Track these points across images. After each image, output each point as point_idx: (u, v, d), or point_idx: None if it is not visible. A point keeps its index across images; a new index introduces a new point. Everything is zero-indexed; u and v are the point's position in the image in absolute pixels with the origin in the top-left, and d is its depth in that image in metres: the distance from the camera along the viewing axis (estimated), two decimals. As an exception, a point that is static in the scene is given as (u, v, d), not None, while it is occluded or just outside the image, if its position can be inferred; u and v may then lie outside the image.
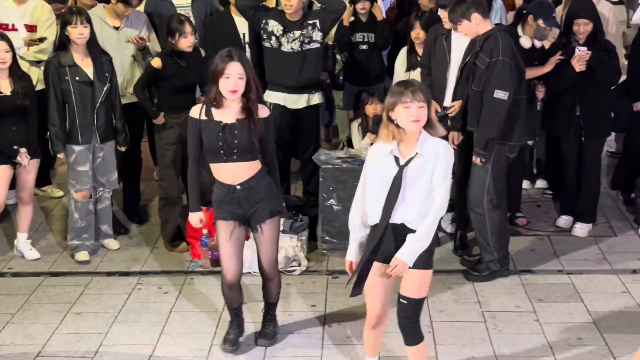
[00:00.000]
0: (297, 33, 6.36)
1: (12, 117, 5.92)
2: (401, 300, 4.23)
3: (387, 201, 4.07)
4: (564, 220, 6.70)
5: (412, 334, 4.29)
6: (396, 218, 4.09)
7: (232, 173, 4.69)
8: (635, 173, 6.99)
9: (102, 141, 6.11)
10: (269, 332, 5.05)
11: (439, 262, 6.11)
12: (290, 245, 6.05)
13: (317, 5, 6.75)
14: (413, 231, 4.09)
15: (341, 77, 7.28)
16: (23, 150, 5.97)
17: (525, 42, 6.27)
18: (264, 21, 6.38)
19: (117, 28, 6.50)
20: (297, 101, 6.48)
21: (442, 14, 5.98)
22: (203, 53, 6.33)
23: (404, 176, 4.04)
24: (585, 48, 6.11)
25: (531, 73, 6.18)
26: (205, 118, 4.67)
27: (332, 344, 5.04)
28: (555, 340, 5.02)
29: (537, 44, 6.33)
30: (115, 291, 5.80)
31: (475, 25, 5.53)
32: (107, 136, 6.15)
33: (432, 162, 4.04)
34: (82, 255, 6.23)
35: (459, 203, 6.16)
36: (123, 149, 6.28)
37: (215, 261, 5.82)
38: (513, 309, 5.43)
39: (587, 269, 6.00)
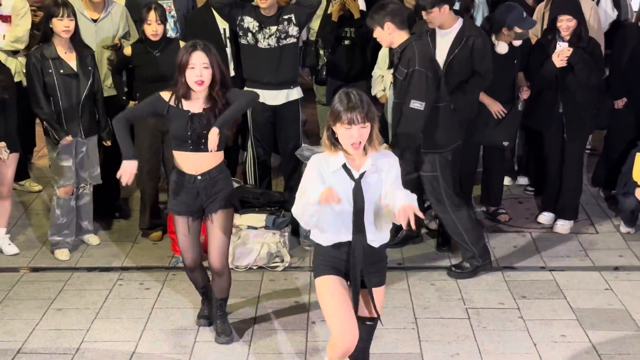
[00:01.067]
0: (273, 28, 6.33)
1: (-9, 110, 5.83)
2: (367, 322, 4.13)
3: (355, 218, 3.91)
4: (545, 217, 6.72)
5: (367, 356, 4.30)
6: (367, 233, 3.96)
7: (195, 163, 4.72)
8: (615, 170, 7.01)
9: (86, 136, 6.04)
10: (226, 329, 5.02)
11: (422, 259, 6.15)
12: (273, 242, 6.02)
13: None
14: (374, 248, 4.00)
15: (324, 73, 7.24)
16: (2, 144, 5.87)
17: (502, 48, 6.25)
18: (239, 18, 6.35)
19: (95, 21, 6.43)
20: (275, 97, 6.46)
21: (424, 15, 5.95)
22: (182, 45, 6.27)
23: (363, 186, 3.89)
24: (566, 44, 6.12)
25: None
26: (174, 105, 4.71)
27: (315, 340, 5.02)
28: (539, 336, 5.03)
29: (517, 43, 6.32)
30: (96, 287, 5.74)
31: (388, 35, 5.52)
32: (91, 130, 6.08)
33: (384, 173, 3.93)
34: (63, 254, 6.15)
35: None
36: (108, 143, 6.20)
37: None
38: (497, 305, 5.43)
39: (570, 265, 6.02)
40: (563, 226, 6.56)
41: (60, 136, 5.92)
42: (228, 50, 6.63)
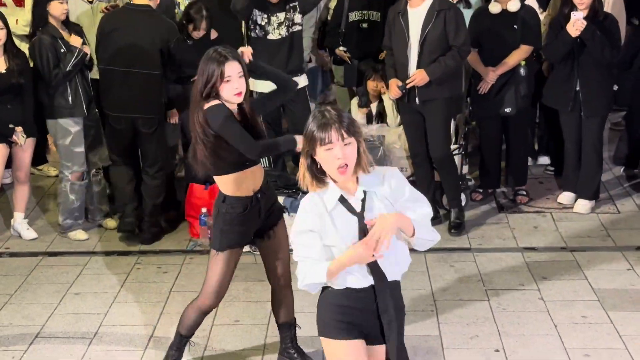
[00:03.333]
0: (281, 16, 6.29)
1: (8, 95, 5.85)
2: None
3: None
4: (566, 197, 6.64)
5: None
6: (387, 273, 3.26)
7: (252, 179, 4.23)
8: (637, 148, 6.92)
9: (89, 112, 6.06)
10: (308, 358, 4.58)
11: (441, 240, 6.03)
12: (290, 224, 5.97)
13: None
14: (397, 282, 3.34)
15: (347, 55, 7.13)
16: (19, 129, 5.89)
17: (493, 7, 6.22)
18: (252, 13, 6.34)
19: (91, 2, 6.48)
20: None
21: None
22: (213, 35, 6.29)
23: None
24: (581, 13, 6.02)
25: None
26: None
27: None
28: (560, 318, 4.98)
29: (512, 6, 6.22)
30: (114, 271, 5.74)
31: None
32: (93, 108, 6.12)
33: (384, 191, 3.25)
34: (81, 234, 6.21)
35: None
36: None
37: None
38: (517, 286, 5.38)
39: (591, 246, 5.95)
40: (584, 206, 6.48)
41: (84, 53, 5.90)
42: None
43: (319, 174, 3.22)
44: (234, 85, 4.06)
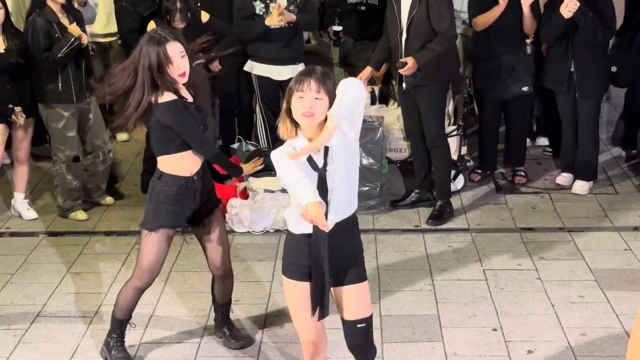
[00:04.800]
0: (281, 3, 6.31)
1: (7, 75, 5.84)
2: (358, 325, 3.62)
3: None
4: (564, 178, 6.66)
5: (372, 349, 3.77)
6: (329, 222, 3.39)
7: (192, 161, 4.23)
8: (634, 128, 6.93)
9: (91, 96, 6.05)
10: (236, 334, 4.66)
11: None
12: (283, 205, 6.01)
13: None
14: (346, 224, 3.52)
15: (341, 33, 7.15)
16: (18, 108, 5.90)
17: None
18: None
19: None
20: (282, 72, 6.53)
21: None
22: (204, 18, 6.25)
23: (328, 178, 3.42)
24: None
25: (488, 16, 6.22)
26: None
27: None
28: (557, 297, 5.01)
29: None
30: (114, 251, 5.77)
31: None
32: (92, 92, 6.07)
33: (341, 139, 3.35)
34: (82, 215, 6.24)
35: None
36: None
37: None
38: (515, 267, 5.41)
39: (589, 226, 5.98)
40: (582, 187, 6.51)
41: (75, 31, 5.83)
42: None
43: (291, 123, 3.43)
44: (178, 66, 4.03)
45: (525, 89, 6.40)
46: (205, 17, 6.29)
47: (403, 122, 6.29)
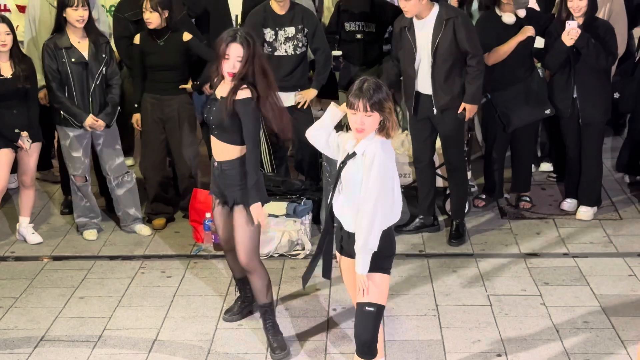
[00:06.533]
0: (289, 30, 6.32)
1: (13, 100, 5.88)
2: (367, 308, 4.03)
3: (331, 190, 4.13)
4: (568, 204, 6.66)
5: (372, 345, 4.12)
6: (336, 208, 4.08)
7: (214, 147, 4.74)
8: (638, 154, 6.94)
9: None
10: (280, 343, 4.80)
11: (443, 246, 6.12)
12: (294, 229, 6.02)
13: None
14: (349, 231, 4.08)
15: (341, 59, 7.17)
16: (24, 133, 5.93)
17: (508, 18, 6.26)
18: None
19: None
20: (287, 99, 6.46)
21: (402, 3, 5.85)
22: (186, 38, 6.25)
23: (343, 172, 3.98)
24: (575, 22, 6.05)
25: (500, 52, 6.25)
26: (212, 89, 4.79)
27: (337, 327, 5.02)
28: (562, 323, 5.00)
29: (522, 12, 6.27)
30: (119, 275, 5.77)
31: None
32: (103, 119, 6.07)
33: (360, 162, 3.93)
34: (91, 235, 6.28)
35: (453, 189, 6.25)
36: (100, 123, 6.02)
37: (218, 245, 5.78)
38: (519, 292, 5.40)
39: (593, 252, 5.97)
40: (586, 212, 6.50)
41: (82, 119, 5.95)
42: None
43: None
44: (230, 65, 4.55)
45: (547, 111, 6.41)
46: (187, 36, 6.27)
47: (412, 149, 6.29)
